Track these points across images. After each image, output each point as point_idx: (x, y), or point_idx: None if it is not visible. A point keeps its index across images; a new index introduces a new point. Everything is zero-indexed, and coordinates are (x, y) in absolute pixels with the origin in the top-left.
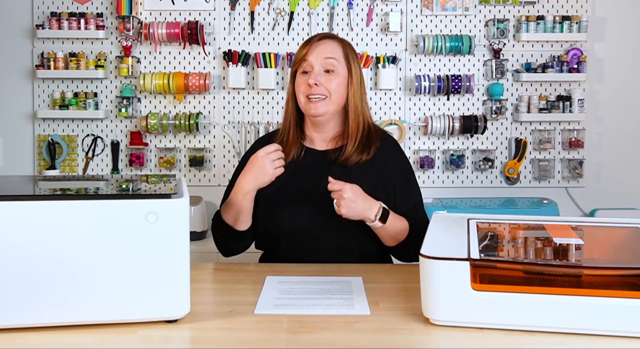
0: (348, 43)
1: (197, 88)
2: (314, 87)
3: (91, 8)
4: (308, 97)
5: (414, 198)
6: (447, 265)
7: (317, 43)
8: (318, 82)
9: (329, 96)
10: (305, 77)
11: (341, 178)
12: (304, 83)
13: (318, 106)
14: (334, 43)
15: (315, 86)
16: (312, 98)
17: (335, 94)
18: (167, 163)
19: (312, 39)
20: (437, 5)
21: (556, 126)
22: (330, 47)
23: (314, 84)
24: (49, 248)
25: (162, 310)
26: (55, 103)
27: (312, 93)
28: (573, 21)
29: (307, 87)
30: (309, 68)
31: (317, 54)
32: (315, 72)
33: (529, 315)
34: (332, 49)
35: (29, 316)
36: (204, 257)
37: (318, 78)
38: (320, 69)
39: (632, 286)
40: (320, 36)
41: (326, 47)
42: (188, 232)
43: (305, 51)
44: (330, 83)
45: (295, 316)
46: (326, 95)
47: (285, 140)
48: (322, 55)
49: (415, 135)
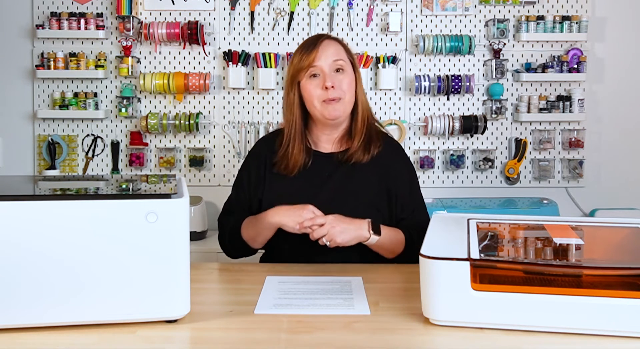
0: (344, 41)
1: (197, 88)
2: (331, 90)
3: (91, 8)
4: (324, 101)
5: (414, 204)
6: (447, 265)
7: (322, 46)
8: (335, 84)
9: (344, 96)
10: (316, 81)
11: (345, 181)
12: (317, 88)
13: (336, 108)
14: (335, 43)
15: (332, 88)
16: (329, 100)
17: (348, 94)
18: (167, 163)
19: (314, 42)
20: (437, 5)
21: (556, 126)
22: (333, 47)
23: (331, 86)
24: (49, 248)
25: (162, 310)
26: (55, 103)
27: (329, 97)
28: (573, 21)
29: (323, 91)
30: (318, 72)
31: (326, 57)
32: (328, 74)
33: (529, 315)
34: (337, 49)
35: (30, 316)
36: (204, 257)
37: (333, 80)
38: (331, 71)
39: (632, 286)
40: (321, 38)
41: (330, 49)
42: (188, 232)
43: (312, 56)
44: (343, 83)
45: (295, 316)
46: (342, 96)
47: (290, 152)
48: (331, 57)
49: (415, 135)
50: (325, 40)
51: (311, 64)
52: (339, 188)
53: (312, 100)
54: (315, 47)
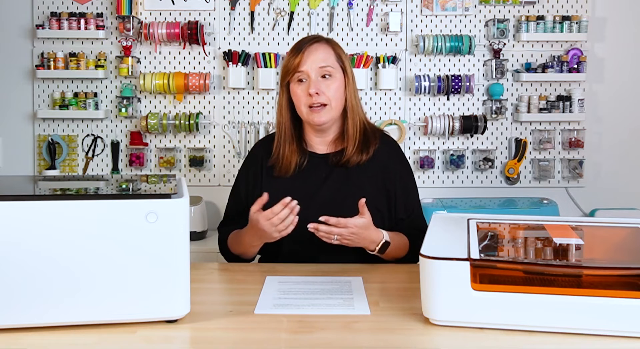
0: (335, 42)
1: (197, 88)
2: (315, 96)
3: (91, 8)
4: (310, 107)
5: (413, 204)
6: (447, 265)
7: (309, 50)
8: (319, 91)
9: (329, 103)
10: (302, 86)
11: (343, 181)
12: (303, 93)
13: (321, 115)
14: (324, 47)
15: (317, 95)
16: (314, 107)
17: (334, 101)
18: (167, 163)
19: (301, 46)
20: (437, 5)
21: (556, 126)
22: (322, 53)
23: (315, 93)
24: (49, 248)
25: (162, 310)
26: (55, 103)
27: (313, 103)
28: (573, 21)
29: (308, 97)
30: (305, 77)
31: (312, 62)
32: (313, 80)
33: (529, 315)
34: (325, 54)
35: (30, 316)
36: (204, 257)
37: (318, 86)
38: (317, 76)
39: (632, 286)
40: (309, 41)
41: (318, 54)
42: (188, 232)
43: (298, 60)
44: (329, 89)
45: (295, 316)
46: (327, 103)
47: (282, 154)
48: (317, 63)
49: (415, 135)
50: (314, 43)
51: (297, 69)
52: (337, 189)
53: (299, 105)
54: (301, 51)
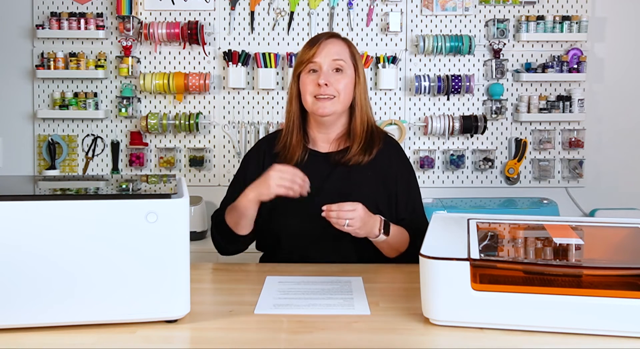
0: (351, 42)
1: (197, 88)
2: (324, 87)
3: (91, 8)
4: (316, 97)
5: (414, 203)
6: (447, 265)
7: (325, 43)
8: (329, 82)
9: (337, 96)
10: (312, 77)
11: (344, 180)
12: (312, 83)
13: (326, 105)
14: (340, 43)
15: (325, 86)
16: (320, 97)
17: (343, 94)
18: (167, 163)
19: (318, 39)
20: (437, 5)
21: (556, 126)
22: (337, 47)
23: (324, 84)
24: (49, 248)
25: (162, 310)
26: (55, 103)
27: (320, 93)
28: (573, 21)
29: (316, 87)
30: (317, 68)
31: (326, 55)
32: (325, 72)
33: (529, 315)
34: (340, 49)
35: (29, 316)
36: (204, 257)
37: (328, 78)
38: (329, 69)
39: (632, 286)
40: (326, 36)
41: (333, 48)
42: (188, 232)
43: (313, 52)
44: (339, 83)
45: (295, 316)
46: (335, 95)
47: (289, 143)
48: (331, 56)
49: (415, 135)
50: (331, 38)
51: (310, 59)
52: (339, 188)
53: (305, 94)
54: (317, 43)
